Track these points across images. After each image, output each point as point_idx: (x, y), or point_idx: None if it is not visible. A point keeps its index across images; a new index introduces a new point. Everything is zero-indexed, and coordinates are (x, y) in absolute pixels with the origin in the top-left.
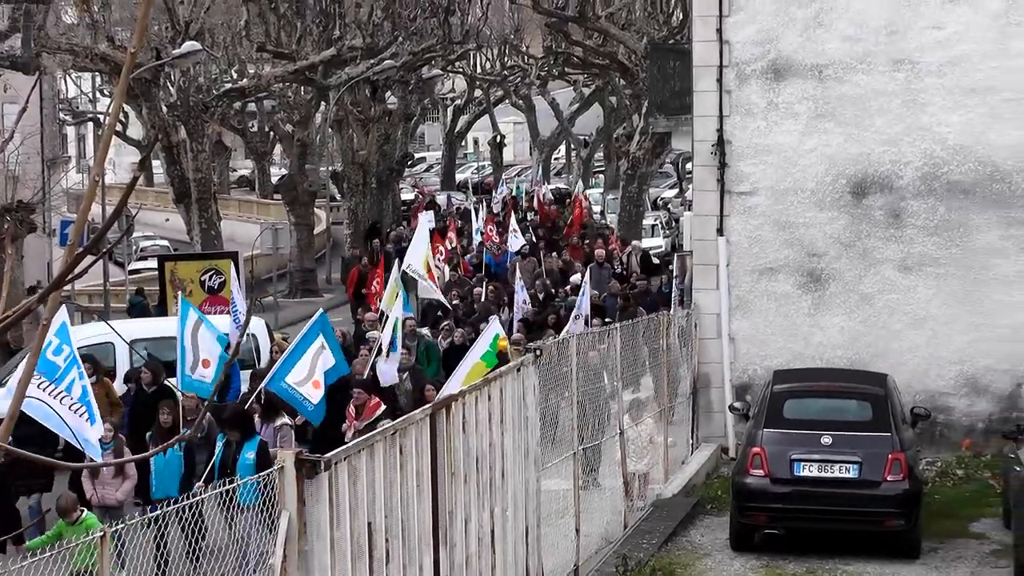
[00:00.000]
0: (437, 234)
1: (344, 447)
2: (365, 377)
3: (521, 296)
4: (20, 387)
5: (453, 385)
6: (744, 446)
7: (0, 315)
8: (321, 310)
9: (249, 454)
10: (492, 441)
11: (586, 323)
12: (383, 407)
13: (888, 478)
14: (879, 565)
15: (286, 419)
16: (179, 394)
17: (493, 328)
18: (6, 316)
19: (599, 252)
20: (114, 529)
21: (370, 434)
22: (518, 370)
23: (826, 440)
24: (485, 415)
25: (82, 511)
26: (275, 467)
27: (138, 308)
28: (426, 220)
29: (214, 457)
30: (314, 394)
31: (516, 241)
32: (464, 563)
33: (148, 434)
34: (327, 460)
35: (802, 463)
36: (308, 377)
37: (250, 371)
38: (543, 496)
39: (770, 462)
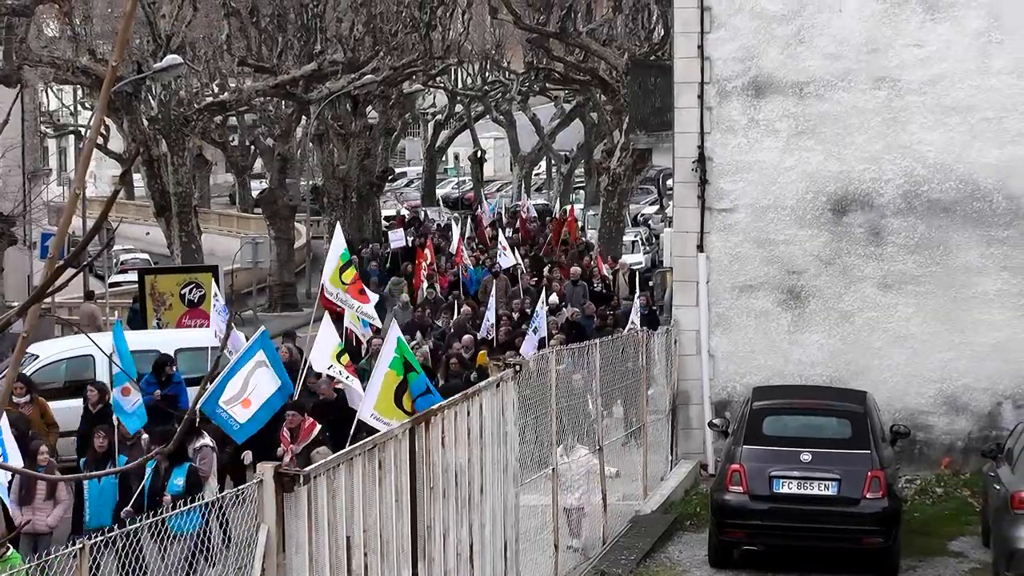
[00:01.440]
0: (419, 250)
1: (323, 461)
2: (334, 399)
3: (490, 315)
4: (2, 399)
5: (367, 404)
6: (723, 463)
7: None
8: (263, 328)
9: (178, 480)
10: (471, 456)
11: (541, 344)
12: (318, 427)
13: (867, 496)
14: None
15: (207, 440)
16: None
17: (394, 333)
18: None
19: (574, 270)
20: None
21: (349, 448)
22: (497, 385)
23: (805, 457)
24: (464, 430)
25: (7, 548)
26: (255, 480)
27: (139, 318)
28: (396, 238)
29: (143, 483)
30: (242, 413)
31: (506, 260)
32: None
33: (83, 459)
34: (306, 474)
35: (781, 480)
36: (239, 395)
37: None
38: (521, 511)
39: (749, 479)
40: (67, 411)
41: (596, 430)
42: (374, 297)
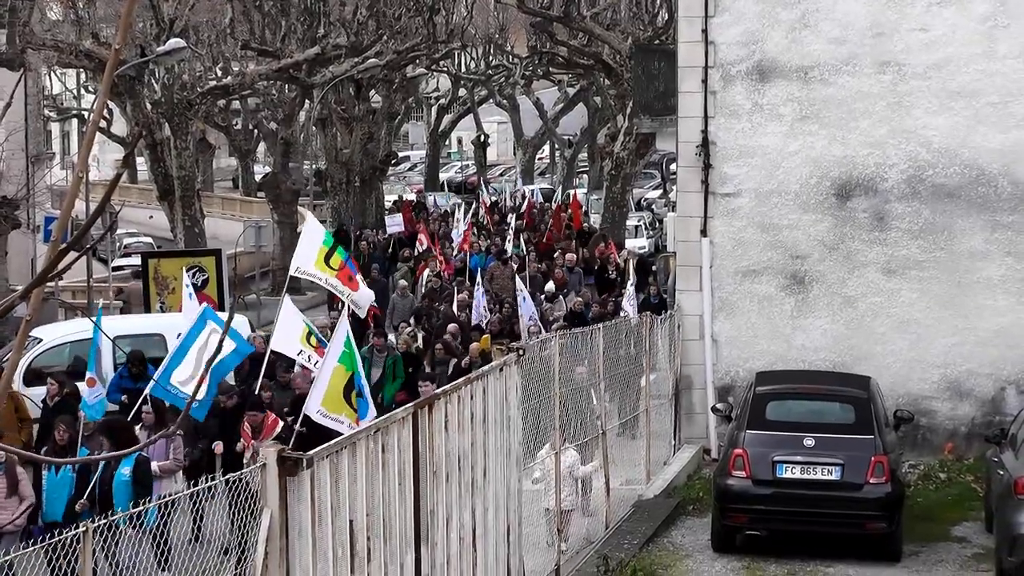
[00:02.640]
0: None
1: (326, 445)
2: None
3: (480, 303)
4: (3, 384)
5: (314, 400)
6: (726, 447)
7: None
8: (205, 305)
9: (125, 470)
10: (474, 440)
11: (529, 333)
12: (281, 424)
13: (870, 481)
14: (860, 568)
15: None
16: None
17: (343, 328)
18: None
19: (569, 256)
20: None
21: (352, 432)
22: (501, 370)
23: (808, 442)
24: (467, 414)
25: None
26: (257, 464)
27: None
28: (394, 223)
29: (96, 473)
30: (199, 391)
31: (512, 246)
32: (446, 562)
33: (44, 449)
34: (309, 458)
35: (784, 465)
36: (193, 373)
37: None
38: (524, 496)
39: (752, 464)
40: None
41: (600, 420)
42: (367, 293)
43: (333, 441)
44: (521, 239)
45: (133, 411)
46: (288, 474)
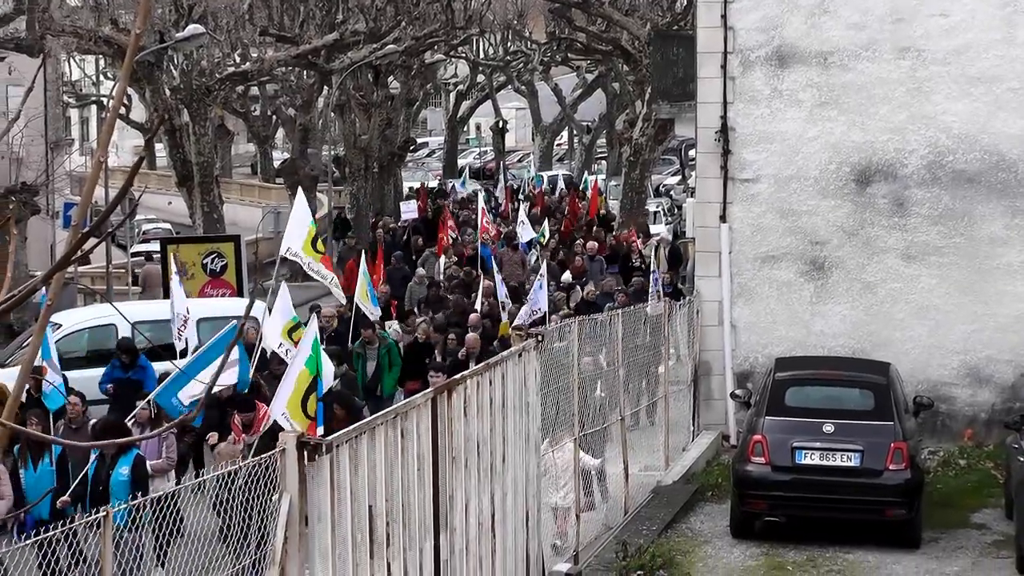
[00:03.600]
0: (441, 223)
1: (345, 430)
2: None
3: (502, 292)
4: (24, 368)
5: (279, 401)
6: (745, 434)
7: (3, 297)
8: (233, 323)
9: (123, 469)
10: (493, 426)
11: (541, 321)
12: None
13: (890, 467)
14: (880, 554)
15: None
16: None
17: (312, 329)
18: (9, 297)
19: (590, 244)
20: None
21: (371, 417)
22: (519, 355)
23: (828, 428)
24: (486, 400)
25: None
26: (276, 450)
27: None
28: (409, 210)
29: (85, 470)
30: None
31: (526, 232)
32: (464, 548)
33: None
34: (328, 443)
35: (803, 451)
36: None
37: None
38: (543, 481)
39: (771, 450)
40: (90, 381)
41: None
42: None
43: (352, 426)
44: (546, 226)
45: (132, 415)
46: (308, 459)
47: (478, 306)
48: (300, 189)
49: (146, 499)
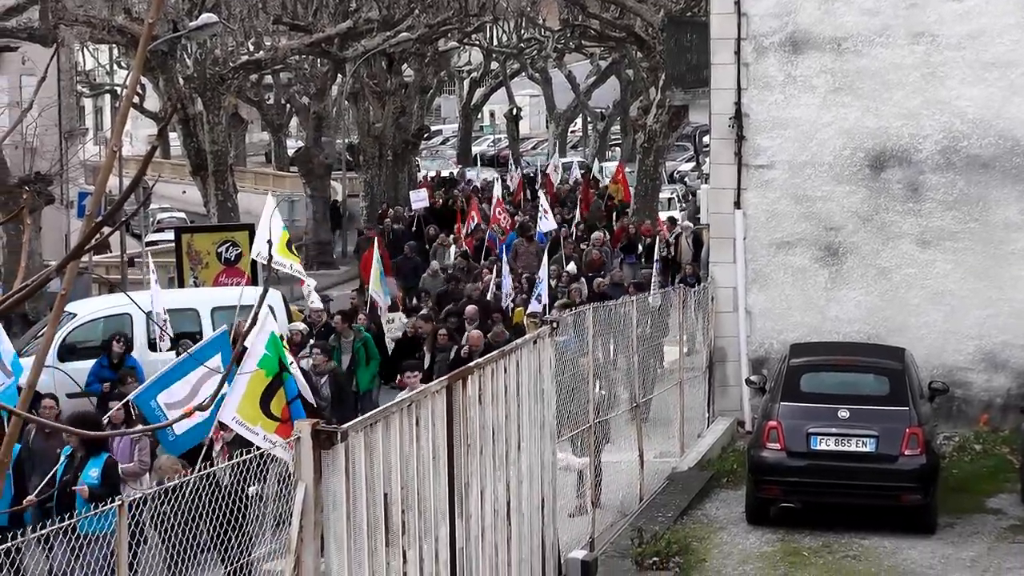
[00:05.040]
0: (460, 212)
1: (361, 418)
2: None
3: (507, 282)
4: (39, 358)
5: (229, 406)
6: (760, 420)
7: (18, 286)
8: (224, 328)
9: (93, 471)
10: (508, 413)
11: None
12: None
13: (905, 452)
14: (895, 540)
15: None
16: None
17: (268, 327)
18: (24, 287)
19: (597, 235)
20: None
21: (386, 405)
22: (534, 342)
23: (843, 414)
24: (501, 387)
25: None
26: (292, 438)
27: None
28: (418, 199)
29: (53, 471)
30: (181, 424)
31: (547, 223)
32: (480, 535)
33: None
34: (343, 431)
35: (819, 437)
36: (184, 401)
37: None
38: (558, 469)
39: (786, 436)
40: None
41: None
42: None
43: (368, 414)
44: (578, 214)
45: (107, 416)
46: (323, 447)
47: (489, 296)
48: (270, 196)
49: (111, 507)
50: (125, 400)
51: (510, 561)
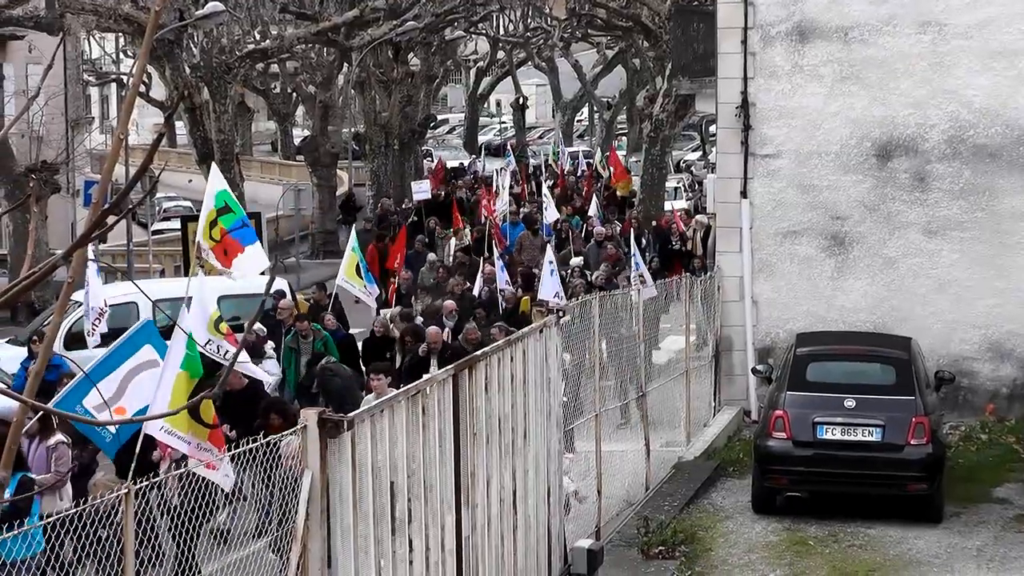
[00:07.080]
0: (478, 204)
1: (367, 407)
2: (243, 387)
3: (502, 276)
4: (45, 346)
5: (153, 423)
6: (766, 409)
7: (25, 273)
8: (147, 318)
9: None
10: (514, 402)
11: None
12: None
13: (911, 442)
14: (901, 529)
15: (61, 436)
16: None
17: (183, 325)
18: (31, 274)
19: (599, 230)
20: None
21: (393, 393)
22: (540, 331)
23: (849, 403)
24: (507, 376)
25: None
26: (298, 426)
27: None
28: (420, 189)
29: None
30: (115, 421)
31: (551, 214)
32: (486, 524)
33: None
34: (350, 420)
35: (825, 426)
36: (114, 400)
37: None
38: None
39: (793, 425)
40: None
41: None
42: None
43: (375, 403)
44: (595, 205)
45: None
46: (329, 436)
47: (477, 291)
48: (214, 165)
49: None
50: (40, 412)
51: (516, 550)
